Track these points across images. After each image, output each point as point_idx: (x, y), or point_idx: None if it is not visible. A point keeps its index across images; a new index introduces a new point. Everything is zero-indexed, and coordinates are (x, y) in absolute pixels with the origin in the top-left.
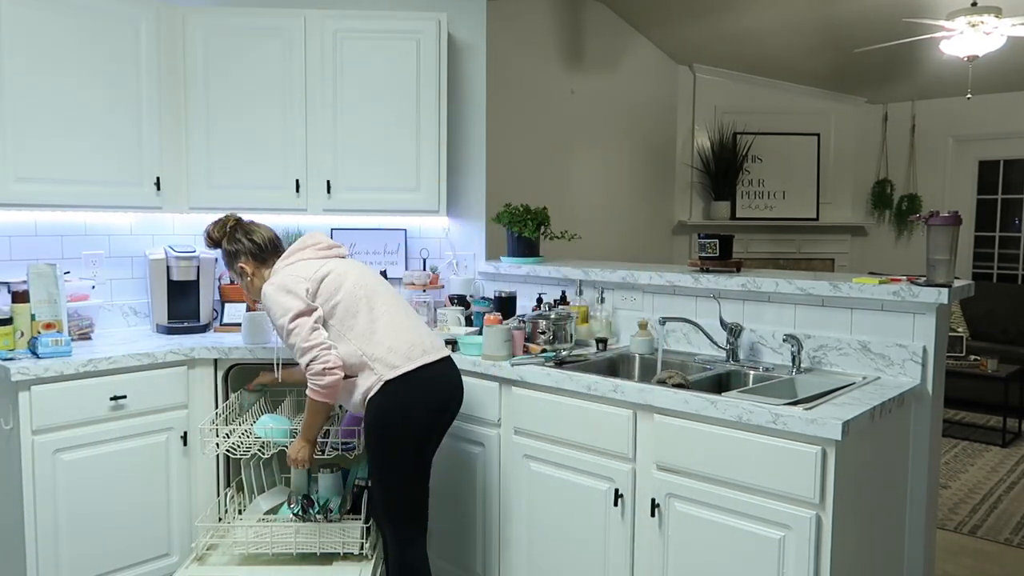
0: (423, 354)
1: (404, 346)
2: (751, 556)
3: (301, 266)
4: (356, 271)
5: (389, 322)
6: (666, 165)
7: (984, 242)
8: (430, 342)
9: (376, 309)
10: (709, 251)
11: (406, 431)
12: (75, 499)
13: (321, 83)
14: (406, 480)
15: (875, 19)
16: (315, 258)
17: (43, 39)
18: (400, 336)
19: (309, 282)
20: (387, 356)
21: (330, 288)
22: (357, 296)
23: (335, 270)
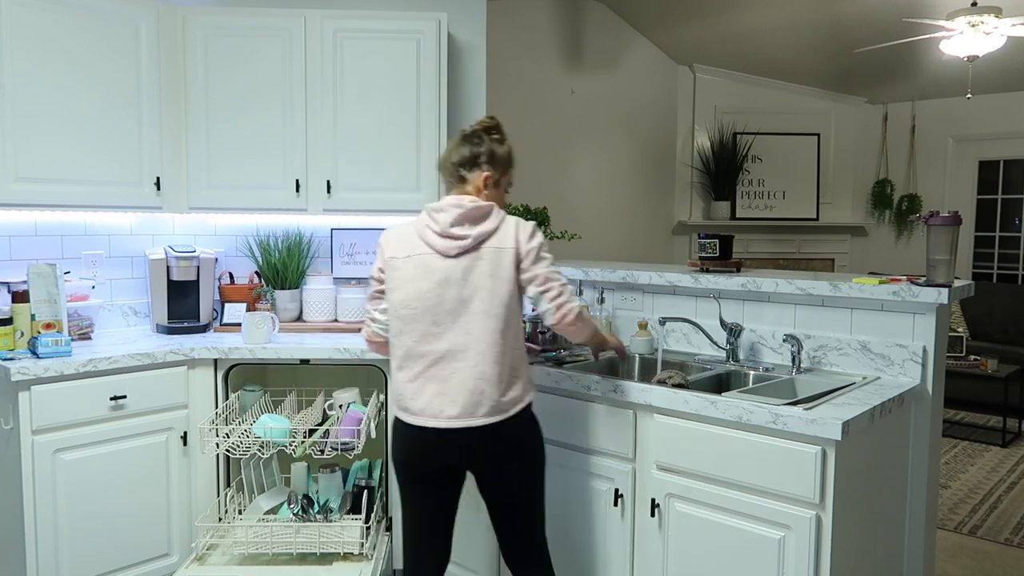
0: (405, 410)
1: (398, 390)
2: (751, 556)
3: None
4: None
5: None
6: (666, 165)
7: (984, 242)
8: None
9: (403, 337)
10: (709, 251)
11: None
12: (75, 499)
13: (321, 83)
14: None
15: (875, 19)
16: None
17: (43, 39)
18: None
19: (384, 261)
20: (392, 383)
21: (388, 284)
22: (396, 313)
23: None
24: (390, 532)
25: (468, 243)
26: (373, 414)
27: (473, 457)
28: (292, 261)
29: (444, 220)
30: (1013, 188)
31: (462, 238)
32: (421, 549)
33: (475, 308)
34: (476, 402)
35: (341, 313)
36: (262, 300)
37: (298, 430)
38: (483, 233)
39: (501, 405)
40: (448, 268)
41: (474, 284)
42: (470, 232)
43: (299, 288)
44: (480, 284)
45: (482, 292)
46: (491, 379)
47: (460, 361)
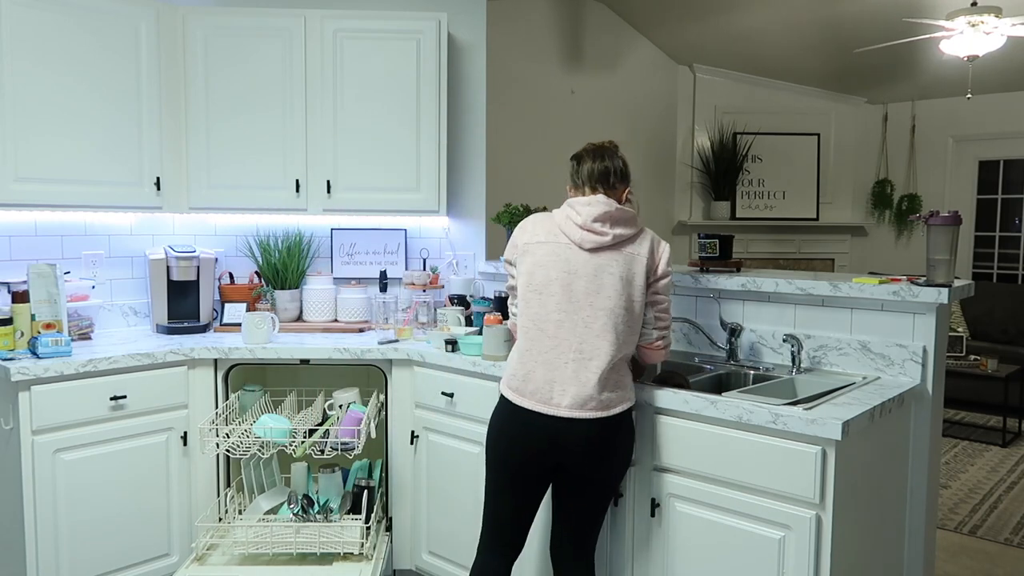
0: (516, 391)
1: (511, 369)
2: (751, 556)
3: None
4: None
5: (525, 340)
6: (666, 165)
7: (984, 242)
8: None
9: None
10: (709, 251)
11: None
12: (75, 499)
13: (321, 83)
14: (489, 491)
15: (875, 19)
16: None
17: (43, 39)
18: (516, 359)
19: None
20: (509, 361)
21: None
22: (524, 297)
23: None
24: (390, 532)
25: (606, 240)
26: (373, 414)
27: (569, 449)
28: (292, 261)
29: (588, 214)
30: (1013, 188)
31: (602, 234)
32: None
33: (599, 304)
34: (587, 395)
35: (341, 313)
36: (262, 300)
37: (298, 430)
38: (622, 235)
39: (605, 402)
40: (580, 260)
41: (603, 281)
42: (611, 231)
43: (299, 288)
44: (609, 283)
45: (609, 291)
46: (603, 375)
47: (576, 353)
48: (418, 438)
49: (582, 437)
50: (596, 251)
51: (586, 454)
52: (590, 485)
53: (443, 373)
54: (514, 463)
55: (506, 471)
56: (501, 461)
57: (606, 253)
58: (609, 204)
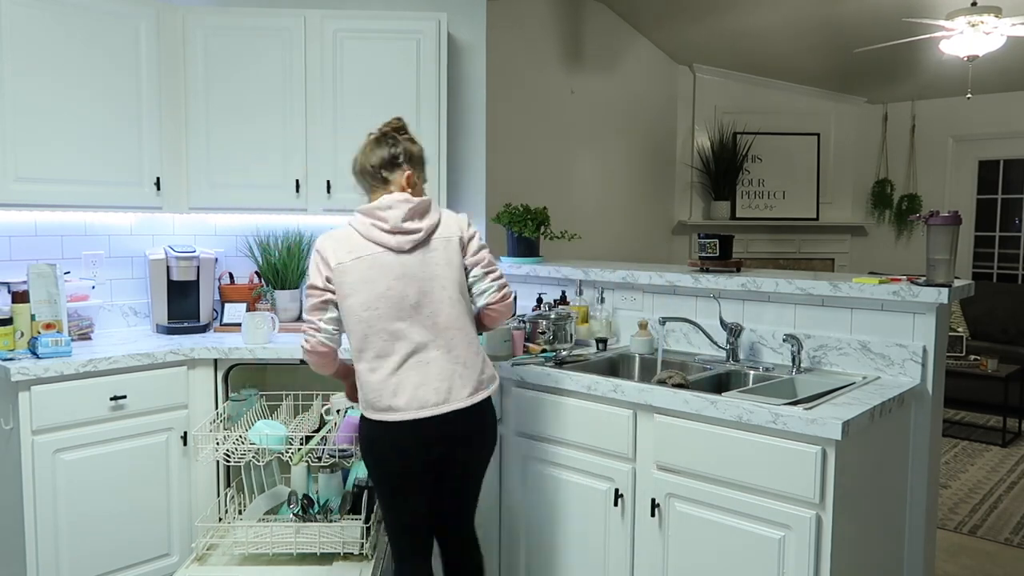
0: (387, 410)
1: (372, 393)
2: (751, 556)
3: (342, 243)
4: (378, 288)
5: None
6: (666, 165)
7: (984, 242)
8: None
9: (369, 339)
10: (709, 251)
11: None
12: (75, 499)
13: (321, 83)
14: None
15: (875, 19)
16: (364, 235)
17: (43, 39)
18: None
19: (329, 271)
20: (359, 391)
21: (342, 290)
22: (358, 317)
23: (357, 275)
24: None
25: (421, 236)
26: None
27: (456, 439)
28: (292, 261)
29: (395, 216)
30: (1013, 188)
31: (415, 231)
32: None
33: (438, 297)
34: (458, 385)
35: None
36: (262, 300)
37: (294, 437)
38: (431, 225)
39: (481, 383)
40: (404, 263)
41: (432, 274)
42: (421, 225)
43: (299, 288)
44: (438, 273)
45: (441, 280)
46: (468, 360)
47: (434, 350)
48: None
49: (462, 426)
50: (414, 249)
51: (470, 440)
52: (478, 464)
53: None
54: (407, 472)
55: (409, 480)
56: (394, 475)
57: (423, 247)
58: (408, 199)
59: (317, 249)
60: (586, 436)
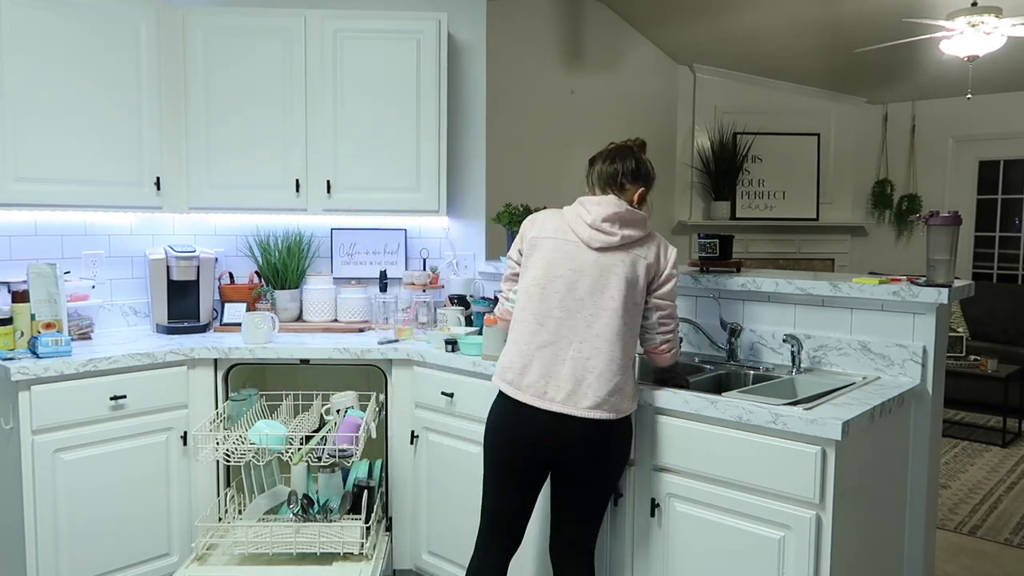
0: (511, 383)
1: (506, 361)
2: (751, 556)
3: (551, 221)
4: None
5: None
6: (666, 165)
7: (984, 242)
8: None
9: (527, 312)
10: (709, 251)
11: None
12: (75, 499)
13: (321, 83)
14: (486, 487)
15: (875, 19)
16: (569, 223)
17: (43, 39)
18: (511, 350)
19: (524, 242)
20: (504, 354)
21: (526, 261)
22: (527, 290)
23: (545, 252)
24: (390, 532)
25: (614, 240)
26: (372, 417)
27: (568, 446)
28: (292, 261)
29: (598, 213)
30: (1013, 188)
31: (610, 234)
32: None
33: (603, 304)
34: (582, 393)
35: (341, 313)
36: (262, 300)
37: (295, 437)
38: (630, 237)
39: (602, 402)
40: (587, 259)
41: (608, 282)
42: (619, 231)
43: (299, 288)
44: (613, 283)
45: (612, 291)
46: (603, 375)
47: (575, 351)
48: (418, 438)
49: (575, 435)
50: (603, 251)
51: (578, 452)
52: (584, 484)
53: (443, 373)
54: (508, 457)
55: (501, 465)
56: (496, 455)
57: (613, 253)
58: (619, 205)
59: (527, 220)
60: None
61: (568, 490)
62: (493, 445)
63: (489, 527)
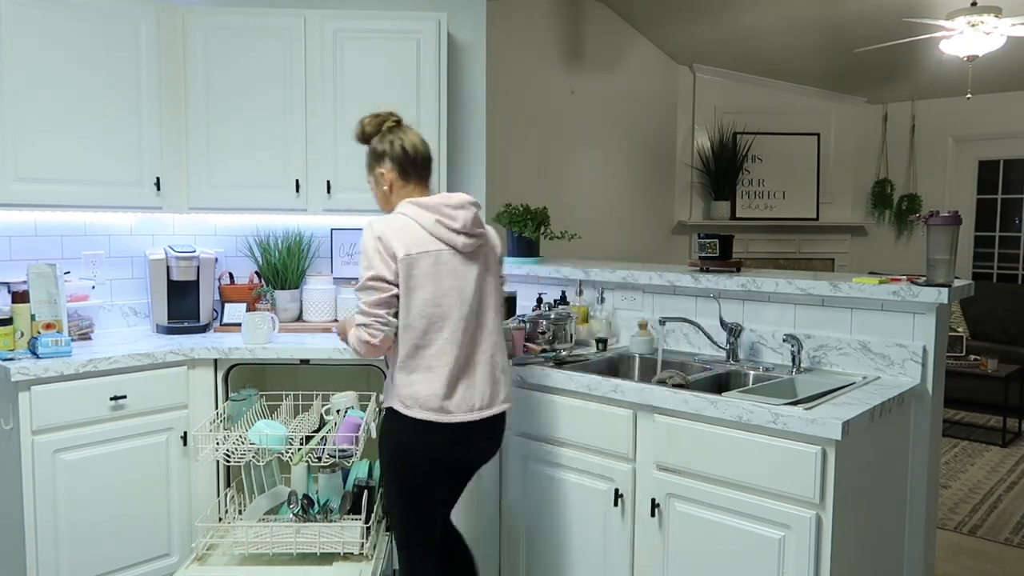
0: (439, 410)
1: (424, 392)
2: (751, 556)
3: (407, 231)
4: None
5: (432, 358)
6: (666, 165)
7: (984, 242)
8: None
9: (430, 335)
10: (709, 251)
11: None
12: (75, 499)
13: (321, 83)
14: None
15: (875, 19)
16: (429, 230)
17: (43, 39)
18: (429, 379)
19: (396, 260)
20: (403, 390)
21: (408, 283)
22: (422, 312)
23: (427, 268)
24: (390, 532)
25: (481, 241)
26: (373, 416)
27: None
28: (292, 261)
29: (464, 218)
30: (1013, 188)
31: (479, 236)
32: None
33: (488, 304)
34: (496, 392)
35: (341, 313)
36: (262, 300)
37: (295, 437)
38: (484, 233)
39: (508, 394)
40: (467, 265)
41: (484, 281)
42: (482, 231)
43: (299, 288)
44: (488, 280)
45: (489, 288)
46: (504, 368)
47: (482, 355)
48: None
49: (497, 430)
50: (473, 253)
51: (495, 445)
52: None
53: None
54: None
55: (441, 481)
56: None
57: (478, 253)
58: (476, 204)
59: (379, 237)
60: (586, 436)
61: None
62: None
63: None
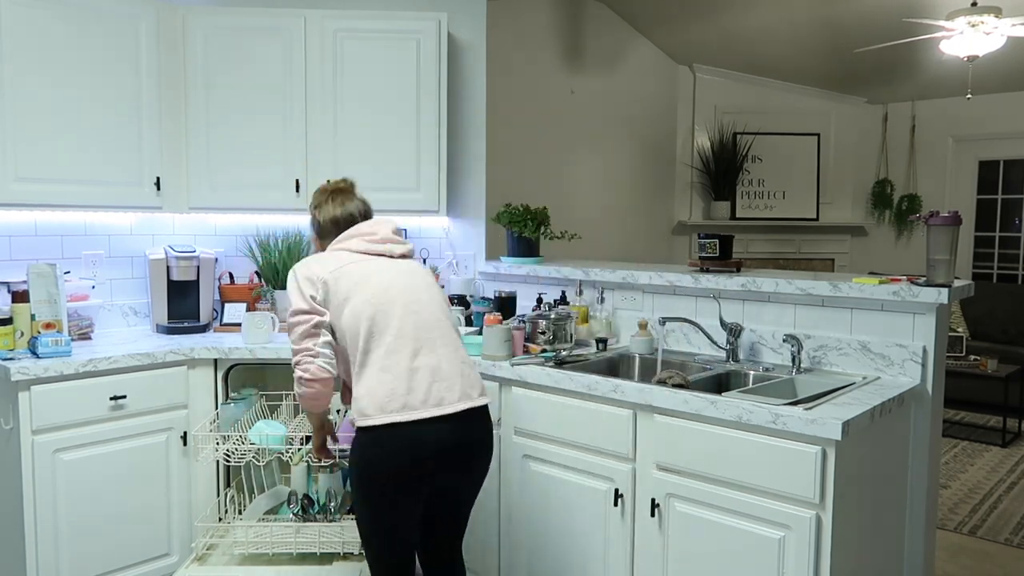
0: (402, 408)
1: (383, 394)
2: (751, 556)
3: (330, 258)
4: (382, 281)
5: (383, 358)
6: (666, 165)
7: (984, 242)
8: (425, 395)
9: (376, 337)
10: (709, 251)
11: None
12: (75, 499)
13: (321, 83)
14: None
15: (875, 19)
16: (355, 250)
17: (43, 39)
18: (384, 380)
19: (319, 283)
20: (362, 399)
21: (340, 296)
22: (362, 315)
23: (357, 275)
24: None
25: (406, 250)
26: None
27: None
28: (292, 261)
29: (384, 230)
30: (1013, 188)
31: (403, 243)
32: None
33: (428, 301)
34: (470, 384)
35: None
36: (262, 300)
37: (295, 437)
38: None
39: (483, 388)
40: (395, 265)
41: (418, 281)
42: (404, 240)
43: None
44: (423, 281)
45: (426, 289)
46: (469, 362)
47: (441, 347)
48: None
49: (479, 425)
50: (403, 257)
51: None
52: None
53: None
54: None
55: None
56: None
57: (407, 260)
58: (390, 221)
59: (296, 270)
60: (586, 436)
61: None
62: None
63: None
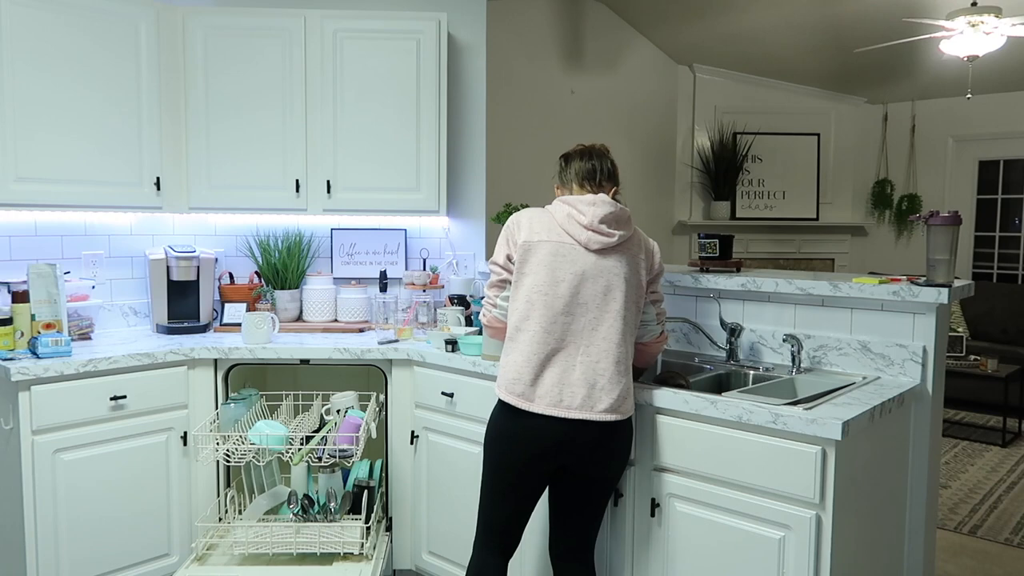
0: (521, 396)
1: (512, 372)
2: (751, 556)
3: (541, 221)
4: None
5: (526, 345)
6: (666, 165)
7: (984, 242)
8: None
9: (526, 322)
10: (709, 251)
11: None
12: (75, 499)
13: (321, 83)
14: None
15: (875, 19)
16: (560, 224)
17: (43, 39)
18: (521, 362)
19: (515, 246)
20: (505, 368)
21: (522, 268)
22: (524, 299)
23: (542, 255)
24: (390, 532)
25: (612, 241)
26: (372, 417)
27: (577, 451)
28: (292, 261)
29: (595, 214)
30: (1013, 188)
31: (608, 235)
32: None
33: (606, 307)
34: (596, 397)
35: (341, 313)
36: (262, 300)
37: (295, 437)
38: (625, 236)
39: (616, 404)
40: (587, 262)
41: (610, 283)
42: (616, 232)
43: (299, 288)
44: (615, 284)
45: (615, 292)
46: (611, 377)
47: (584, 355)
48: (418, 438)
49: (591, 439)
50: (602, 252)
51: (593, 455)
52: (594, 485)
53: (443, 373)
54: (519, 467)
55: (510, 475)
56: (505, 466)
57: (611, 254)
58: (613, 204)
59: (510, 223)
60: None
61: (576, 494)
62: (502, 455)
63: (490, 532)
